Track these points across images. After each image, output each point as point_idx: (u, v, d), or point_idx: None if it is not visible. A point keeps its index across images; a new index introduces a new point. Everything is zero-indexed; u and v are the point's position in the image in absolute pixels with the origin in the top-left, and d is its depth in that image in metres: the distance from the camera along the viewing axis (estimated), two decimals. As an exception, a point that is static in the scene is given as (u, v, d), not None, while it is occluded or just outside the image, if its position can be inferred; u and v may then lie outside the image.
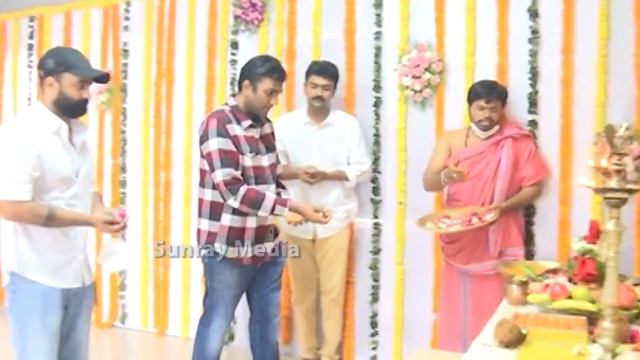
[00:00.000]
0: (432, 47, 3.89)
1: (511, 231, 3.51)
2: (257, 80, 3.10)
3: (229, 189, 2.97)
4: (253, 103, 3.13)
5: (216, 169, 2.99)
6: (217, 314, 3.21)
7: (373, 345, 4.13)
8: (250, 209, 3.01)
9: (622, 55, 3.49)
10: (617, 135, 1.67)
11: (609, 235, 1.67)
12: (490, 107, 3.47)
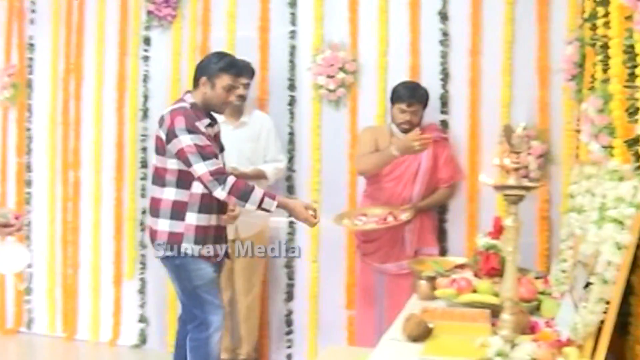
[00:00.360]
0: (346, 47, 3.93)
1: (426, 231, 3.59)
2: (214, 76, 3.00)
3: (216, 179, 2.83)
4: (212, 100, 3.01)
5: (195, 163, 2.84)
6: (211, 311, 3.02)
7: (288, 344, 4.14)
8: (239, 200, 2.87)
9: (525, 58, 3.63)
10: (515, 135, 1.74)
11: (508, 230, 1.73)
12: (411, 110, 3.52)
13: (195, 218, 2.95)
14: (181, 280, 3.01)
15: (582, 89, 3.08)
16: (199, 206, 2.95)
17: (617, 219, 1.52)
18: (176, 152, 2.89)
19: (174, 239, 2.95)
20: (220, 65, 3.01)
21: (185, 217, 2.95)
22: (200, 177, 2.85)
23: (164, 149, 2.95)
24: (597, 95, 2.29)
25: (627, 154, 2.04)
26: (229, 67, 3.03)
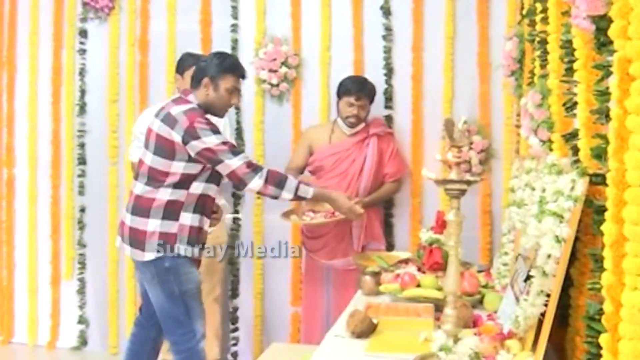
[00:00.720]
0: (288, 41, 3.90)
1: (373, 226, 3.59)
2: (218, 77, 2.82)
3: (253, 170, 2.72)
4: (214, 103, 2.83)
5: (228, 159, 2.69)
6: (196, 317, 2.87)
7: (234, 341, 4.08)
8: (276, 188, 2.73)
9: (466, 53, 3.68)
10: (456, 129, 1.74)
11: (450, 225, 1.73)
12: (359, 104, 3.50)
13: (190, 218, 2.79)
14: (169, 284, 2.81)
15: (522, 85, 3.13)
16: (194, 206, 2.79)
17: (557, 212, 1.53)
18: (198, 152, 2.71)
19: (166, 239, 2.77)
20: (225, 66, 2.85)
21: (180, 217, 2.78)
22: (235, 170, 2.70)
23: (172, 152, 2.73)
24: (536, 90, 2.32)
25: (564, 148, 2.07)
26: (234, 68, 2.88)
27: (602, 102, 1.52)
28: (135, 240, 2.80)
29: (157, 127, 2.77)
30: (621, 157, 1.24)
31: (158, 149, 2.76)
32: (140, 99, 4.14)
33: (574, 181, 1.52)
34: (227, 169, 2.72)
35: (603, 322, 1.33)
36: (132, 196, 2.84)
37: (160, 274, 2.80)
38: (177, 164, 2.74)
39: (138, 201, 2.80)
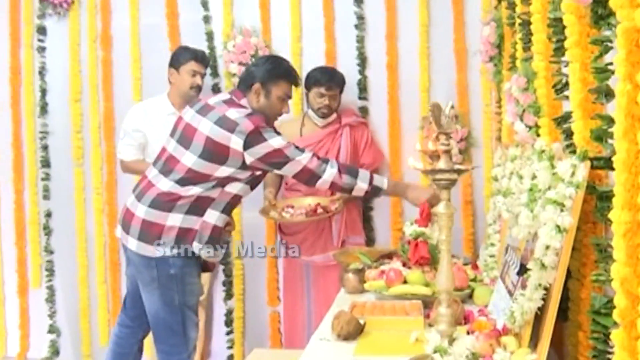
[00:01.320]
0: (258, 33, 3.75)
1: (353, 219, 3.48)
2: (271, 83, 2.64)
3: (323, 161, 2.58)
4: (264, 110, 2.64)
5: (297, 156, 2.55)
6: (191, 327, 2.71)
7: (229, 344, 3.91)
8: (350, 176, 2.58)
9: (442, 40, 3.58)
10: (444, 115, 1.63)
11: (441, 217, 1.62)
12: (330, 94, 3.40)
13: (216, 217, 2.60)
14: (170, 292, 2.62)
15: (501, 70, 3.04)
16: (224, 205, 2.62)
17: (557, 200, 1.43)
18: (261, 157, 2.53)
19: (185, 236, 2.58)
20: (279, 71, 2.67)
21: (205, 213, 2.59)
22: (306, 165, 2.55)
23: (224, 157, 2.54)
24: (520, 74, 2.23)
25: (555, 132, 1.97)
26: (289, 74, 2.70)
27: (601, 80, 1.42)
28: (148, 234, 2.59)
29: (207, 129, 2.54)
30: (633, 137, 1.13)
31: (206, 152, 2.54)
32: (104, 97, 3.96)
33: (574, 166, 1.42)
34: (298, 166, 2.56)
35: (615, 317, 1.23)
36: (153, 189, 2.61)
37: (162, 278, 2.62)
38: (226, 169, 2.56)
39: (161, 196, 2.59)
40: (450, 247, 1.65)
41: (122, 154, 3.53)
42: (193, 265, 2.64)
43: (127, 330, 2.91)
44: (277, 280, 3.78)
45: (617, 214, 1.22)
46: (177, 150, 2.62)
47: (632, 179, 1.14)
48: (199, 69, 3.51)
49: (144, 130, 3.48)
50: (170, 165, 2.62)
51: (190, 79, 3.49)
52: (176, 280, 2.60)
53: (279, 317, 3.79)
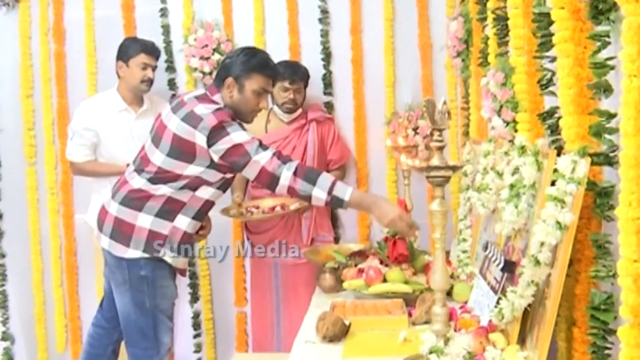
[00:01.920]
0: (220, 26, 3.65)
1: (322, 216, 3.43)
2: (245, 77, 2.52)
3: (282, 160, 2.38)
4: (239, 106, 2.54)
5: (257, 153, 2.37)
6: (164, 331, 2.61)
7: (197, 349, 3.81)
8: (306, 182, 2.35)
9: (407, 35, 3.56)
10: (437, 111, 1.60)
11: (434, 215, 1.59)
12: (294, 88, 3.34)
13: (187, 223, 2.51)
14: (140, 294, 2.54)
15: (469, 65, 3.04)
16: (196, 211, 2.52)
17: (557, 197, 1.42)
18: (224, 153, 2.41)
19: (155, 239, 2.49)
20: (253, 64, 2.53)
21: (176, 219, 2.50)
22: (265, 166, 2.37)
23: (191, 155, 2.44)
24: (498, 69, 2.22)
25: (537, 127, 1.97)
26: (263, 66, 2.55)
27: (599, 76, 1.41)
28: (119, 233, 2.52)
29: (174, 125, 2.45)
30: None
31: (173, 150, 2.45)
32: (58, 92, 3.78)
33: (574, 162, 1.40)
34: (257, 167, 2.39)
35: (622, 314, 1.22)
36: (126, 186, 2.54)
37: (133, 280, 2.53)
38: (194, 168, 2.46)
39: (133, 193, 2.51)
40: (444, 245, 1.62)
41: (72, 155, 3.37)
42: (165, 268, 2.56)
43: (102, 331, 2.83)
44: (245, 280, 3.71)
45: (624, 211, 1.21)
46: (150, 149, 2.53)
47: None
48: (149, 61, 3.36)
49: (96, 129, 3.33)
50: (144, 163, 2.53)
51: (141, 72, 3.35)
52: (147, 282, 2.52)
53: (246, 318, 3.71)
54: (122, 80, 3.40)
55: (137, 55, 3.34)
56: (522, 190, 1.86)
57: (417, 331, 1.92)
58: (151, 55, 3.38)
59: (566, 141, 1.61)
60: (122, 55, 3.38)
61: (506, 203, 1.92)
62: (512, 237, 1.99)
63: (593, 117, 1.48)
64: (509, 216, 1.88)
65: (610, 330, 1.42)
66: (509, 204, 1.90)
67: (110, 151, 3.37)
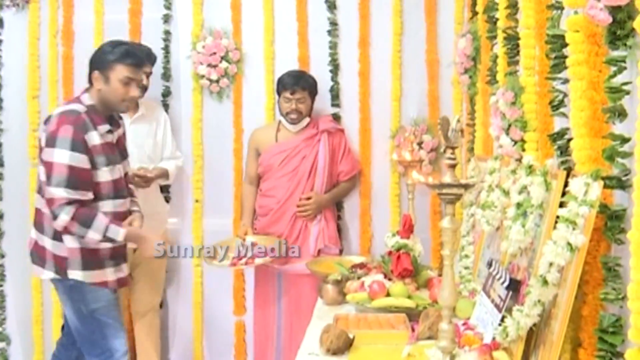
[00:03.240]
0: (229, 35, 3.67)
1: (329, 228, 3.42)
2: (108, 69, 2.62)
3: (67, 203, 2.47)
4: (108, 97, 2.63)
5: (57, 186, 2.46)
6: (114, 335, 2.63)
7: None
8: (81, 226, 2.50)
9: (415, 50, 3.58)
10: (451, 129, 1.61)
11: (444, 232, 1.59)
12: (296, 98, 3.35)
13: (78, 240, 2.58)
14: (75, 303, 2.62)
15: (476, 82, 3.06)
16: None
17: (569, 218, 1.42)
18: (45, 161, 2.51)
19: (59, 264, 2.59)
20: (114, 56, 2.63)
21: (64, 239, 2.57)
22: (53, 199, 2.48)
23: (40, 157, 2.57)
24: (507, 88, 2.23)
25: (546, 147, 1.98)
26: (124, 56, 2.64)
27: (614, 100, 1.42)
28: (37, 255, 2.67)
29: (41, 129, 2.60)
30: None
31: (39, 153, 2.60)
32: (64, 95, 3.78)
33: (587, 185, 1.41)
34: (48, 194, 2.51)
35: (631, 337, 1.22)
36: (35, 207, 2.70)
37: (66, 291, 2.65)
38: None
39: (37, 214, 2.65)
40: (453, 262, 1.62)
41: None
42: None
43: (62, 348, 2.92)
44: (244, 289, 3.70)
45: (636, 235, 1.22)
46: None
47: (660, 200, 1.14)
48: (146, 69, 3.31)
49: None
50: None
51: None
52: (77, 290, 2.62)
53: (245, 326, 3.70)
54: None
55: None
56: (529, 210, 1.87)
57: (421, 347, 1.92)
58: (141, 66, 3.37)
59: (577, 163, 1.62)
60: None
61: (512, 222, 1.93)
62: (518, 255, 2.01)
63: (605, 140, 1.49)
64: (515, 235, 1.89)
65: (618, 353, 1.42)
66: (516, 223, 1.91)
67: None
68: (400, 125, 3.53)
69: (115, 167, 2.66)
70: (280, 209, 3.36)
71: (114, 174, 2.65)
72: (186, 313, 3.79)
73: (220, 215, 3.70)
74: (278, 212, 3.37)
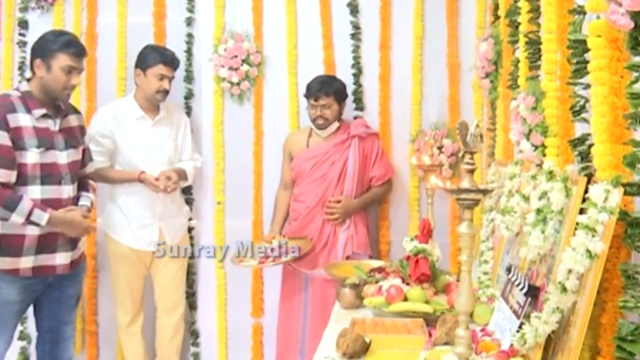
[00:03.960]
0: (250, 38, 3.69)
1: (359, 233, 3.40)
2: (50, 57, 2.70)
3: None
4: (49, 84, 2.72)
5: None
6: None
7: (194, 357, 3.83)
8: (4, 209, 2.56)
9: (435, 54, 3.58)
10: (470, 133, 1.60)
11: (462, 238, 1.59)
12: (320, 105, 3.35)
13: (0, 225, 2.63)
14: None
15: (497, 87, 3.04)
16: None
17: (589, 225, 1.41)
18: None
19: None
20: (56, 45, 2.72)
21: None
22: None
23: None
24: (528, 93, 2.22)
25: (567, 153, 1.96)
26: (66, 45, 2.73)
27: (636, 106, 1.41)
28: None
29: None
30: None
31: None
32: (87, 96, 3.84)
33: (607, 191, 1.40)
34: None
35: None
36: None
37: None
38: None
39: None
40: (471, 268, 1.61)
41: None
42: None
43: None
44: (262, 291, 3.71)
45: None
46: None
47: (681, 208, 1.12)
48: (167, 72, 3.41)
49: (112, 136, 3.38)
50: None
51: (157, 83, 3.40)
52: None
53: (262, 329, 3.71)
54: (139, 88, 3.45)
55: (155, 65, 3.38)
56: (549, 216, 1.86)
57: (438, 352, 1.91)
58: (169, 66, 3.42)
59: (597, 169, 1.60)
60: (140, 64, 3.43)
61: (532, 227, 1.91)
62: (537, 261, 1.99)
63: (627, 146, 1.48)
64: (534, 241, 1.87)
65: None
66: (535, 229, 1.89)
67: (127, 158, 3.41)
68: (420, 129, 3.52)
69: (49, 152, 2.70)
70: (309, 215, 3.37)
71: (46, 159, 2.69)
72: (208, 315, 3.82)
73: (241, 217, 3.71)
74: (307, 217, 3.37)
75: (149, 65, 3.38)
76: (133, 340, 3.51)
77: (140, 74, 3.42)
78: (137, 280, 3.48)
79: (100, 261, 3.83)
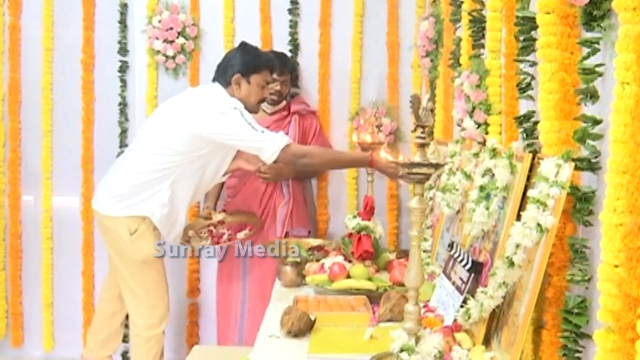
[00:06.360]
0: (186, 10, 3.56)
1: (299, 210, 3.34)
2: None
3: None
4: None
5: None
6: None
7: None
8: None
9: (375, 33, 3.55)
10: (422, 107, 1.58)
11: (413, 212, 1.57)
12: (282, 80, 3.28)
13: None
14: None
15: (438, 66, 3.05)
16: None
17: (540, 199, 1.42)
18: None
19: None
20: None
21: None
22: None
23: None
24: (472, 71, 2.22)
25: (511, 130, 1.98)
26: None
27: (588, 82, 1.42)
28: None
29: None
30: (638, 139, 1.13)
31: None
32: (10, 67, 3.62)
33: (558, 166, 1.40)
34: None
35: (602, 318, 1.22)
36: None
37: None
38: None
39: None
40: (421, 243, 1.60)
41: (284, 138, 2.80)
42: None
43: None
44: (198, 271, 3.63)
45: (608, 216, 1.21)
46: None
47: (635, 181, 1.13)
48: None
49: None
50: None
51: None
52: None
53: (198, 309, 3.63)
54: None
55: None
56: (493, 192, 1.87)
57: (382, 329, 1.90)
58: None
59: (544, 145, 1.61)
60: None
61: (476, 204, 1.92)
62: (479, 238, 2.00)
63: (575, 122, 1.49)
64: (479, 217, 1.88)
65: (583, 334, 1.43)
66: (479, 205, 1.90)
67: None
68: (361, 107, 3.50)
69: None
70: (246, 189, 3.29)
71: None
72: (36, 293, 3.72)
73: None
74: (244, 192, 3.29)
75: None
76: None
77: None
78: None
79: (24, 240, 3.65)
